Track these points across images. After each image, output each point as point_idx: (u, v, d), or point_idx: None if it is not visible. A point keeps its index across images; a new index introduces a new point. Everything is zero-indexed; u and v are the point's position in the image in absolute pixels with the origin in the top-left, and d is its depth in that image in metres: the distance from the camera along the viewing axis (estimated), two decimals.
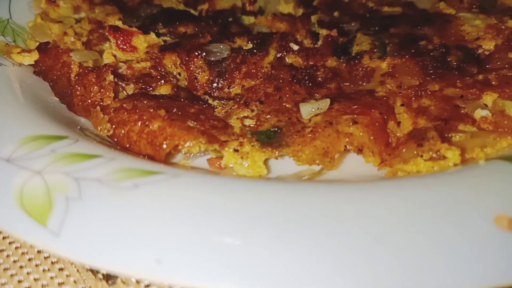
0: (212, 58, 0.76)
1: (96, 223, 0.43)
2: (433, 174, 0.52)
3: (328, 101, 0.68)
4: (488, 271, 0.39)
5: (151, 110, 0.63)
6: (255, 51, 0.77)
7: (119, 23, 0.81)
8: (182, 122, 0.62)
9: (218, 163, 0.64)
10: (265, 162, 0.63)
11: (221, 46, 0.78)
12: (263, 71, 0.75)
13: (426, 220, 0.43)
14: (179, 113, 0.64)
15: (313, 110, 0.67)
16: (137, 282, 0.52)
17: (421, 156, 0.58)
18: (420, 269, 0.39)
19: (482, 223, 0.42)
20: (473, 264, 0.40)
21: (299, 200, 0.45)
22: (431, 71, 0.74)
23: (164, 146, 0.59)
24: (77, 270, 0.53)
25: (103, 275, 0.53)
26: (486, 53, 0.79)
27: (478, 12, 0.88)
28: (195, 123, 0.64)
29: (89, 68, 0.70)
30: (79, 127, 0.67)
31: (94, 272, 0.53)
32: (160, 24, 0.85)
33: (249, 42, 0.80)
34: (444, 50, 0.78)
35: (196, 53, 0.75)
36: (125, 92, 0.71)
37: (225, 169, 0.64)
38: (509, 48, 0.77)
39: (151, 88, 0.72)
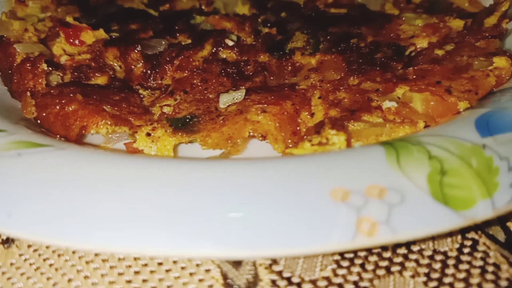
0: (149, 52, 0.80)
1: None
2: (295, 156, 0.55)
3: (243, 91, 0.71)
4: (318, 234, 0.42)
5: (71, 95, 0.68)
6: (191, 46, 0.81)
7: (70, 20, 0.86)
8: (96, 107, 0.67)
9: (132, 146, 0.68)
10: (177, 149, 0.67)
11: (160, 41, 0.82)
12: (194, 64, 0.79)
13: (275, 191, 0.46)
14: (99, 98, 0.68)
15: (229, 99, 0.70)
16: (28, 246, 0.56)
17: (310, 141, 0.61)
18: (266, 228, 0.42)
19: (318, 195, 0.44)
20: (305, 228, 0.42)
21: (153, 171, 0.49)
22: (355, 67, 0.76)
23: (74, 126, 0.63)
24: None
25: (2, 239, 0.57)
26: (419, 50, 0.80)
27: (422, 13, 0.89)
28: (112, 108, 0.68)
29: (29, 58, 0.76)
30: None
31: None
32: (114, 22, 0.91)
33: (189, 38, 0.84)
34: (374, 47, 0.80)
35: (134, 47, 0.80)
36: (61, 81, 0.76)
37: (140, 152, 0.67)
38: (440, 45, 0.78)
39: (88, 78, 0.77)
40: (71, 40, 0.84)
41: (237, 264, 0.53)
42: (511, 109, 0.58)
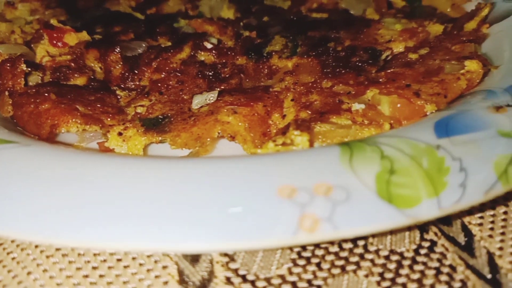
0: (128, 54, 0.82)
1: None
2: (249, 155, 0.55)
3: (216, 92, 0.72)
4: (260, 230, 0.42)
5: (46, 95, 0.69)
6: (170, 48, 0.82)
7: (54, 22, 0.88)
8: (68, 106, 0.68)
9: (104, 145, 0.69)
10: (147, 149, 0.68)
11: (140, 43, 0.83)
12: (172, 66, 0.80)
13: (224, 187, 0.46)
14: (72, 98, 0.70)
15: (201, 100, 0.71)
16: None
17: (274, 141, 0.61)
18: (208, 223, 0.43)
19: (265, 191, 0.45)
20: (248, 224, 0.43)
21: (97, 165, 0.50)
22: (329, 70, 0.76)
23: (45, 125, 0.65)
24: None
25: None
26: (395, 54, 0.80)
27: (402, 17, 0.90)
28: (85, 107, 0.69)
29: (10, 59, 0.77)
30: None
31: None
32: (99, 24, 0.92)
33: (170, 41, 0.86)
34: (350, 51, 0.81)
35: (113, 49, 0.81)
36: (41, 81, 0.78)
37: (111, 151, 0.68)
38: (415, 49, 0.79)
39: (67, 79, 0.79)
40: (55, 42, 0.86)
41: (194, 261, 0.54)
42: (473, 111, 0.58)
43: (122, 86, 0.79)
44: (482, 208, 0.59)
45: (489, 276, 0.51)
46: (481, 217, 0.58)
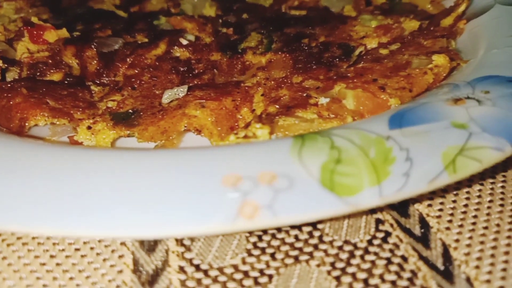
0: (104, 50, 0.83)
1: None
2: (203, 146, 0.56)
3: (186, 87, 0.73)
4: (202, 216, 0.43)
5: (18, 89, 0.71)
6: (146, 44, 0.84)
7: (35, 20, 0.90)
8: (39, 100, 0.69)
9: (74, 139, 0.70)
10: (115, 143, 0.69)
11: (116, 40, 0.84)
12: (146, 62, 0.81)
13: (173, 176, 0.47)
14: (44, 93, 0.71)
15: (171, 95, 0.72)
16: None
17: (236, 134, 0.62)
18: (153, 210, 0.44)
19: (211, 180, 0.46)
20: (191, 211, 0.43)
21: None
22: (301, 65, 0.77)
23: (14, 118, 0.66)
24: None
25: None
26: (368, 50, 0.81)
27: (379, 14, 0.90)
28: (56, 102, 0.70)
29: None
30: None
31: None
32: (79, 22, 0.94)
33: (147, 38, 0.87)
34: (323, 47, 0.81)
35: (90, 45, 0.82)
36: (19, 77, 0.79)
37: (79, 144, 0.69)
38: (386, 45, 0.79)
39: (43, 74, 0.80)
40: (35, 39, 0.87)
41: (150, 250, 0.55)
42: (432, 103, 0.58)
43: (97, 81, 0.80)
44: (443, 201, 0.59)
45: (442, 267, 0.51)
46: (441, 210, 0.58)
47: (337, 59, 0.78)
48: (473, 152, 0.48)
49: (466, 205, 0.59)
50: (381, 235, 0.55)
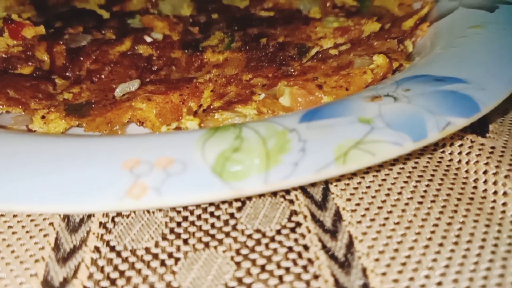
0: (72, 45, 0.87)
1: None
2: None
3: (138, 81, 0.76)
4: (92, 195, 0.46)
5: None
6: (113, 41, 0.88)
7: (15, 17, 0.95)
8: None
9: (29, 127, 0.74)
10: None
11: (86, 36, 0.89)
12: (110, 57, 0.85)
13: (73, 158, 0.50)
14: (5, 84, 0.76)
15: (124, 88, 0.76)
16: None
17: (168, 125, 0.65)
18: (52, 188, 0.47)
19: (111, 163, 0.49)
20: (84, 190, 0.46)
21: None
22: (254, 64, 0.79)
23: None
24: None
25: None
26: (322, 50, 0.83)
27: (343, 16, 0.92)
28: (16, 92, 0.75)
29: None
30: None
31: None
32: (59, 20, 0.99)
33: (115, 35, 0.91)
34: (279, 46, 0.83)
35: (59, 41, 0.87)
36: None
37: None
38: (337, 46, 0.81)
39: (14, 68, 0.85)
40: (14, 35, 0.93)
41: (73, 231, 0.58)
42: (349, 100, 0.59)
43: (63, 75, 0.85)
44: (363, 197, 0.60)
45: (342, 258, 0.52)
46: (358, 204, 0.59)
47: (289, 59, 0.80)
48: (368, 145, 0.50)
49: (384, 201, 0.60)
50: (291, 225, 0.56)
